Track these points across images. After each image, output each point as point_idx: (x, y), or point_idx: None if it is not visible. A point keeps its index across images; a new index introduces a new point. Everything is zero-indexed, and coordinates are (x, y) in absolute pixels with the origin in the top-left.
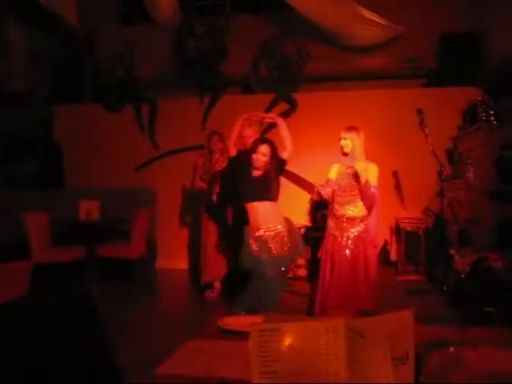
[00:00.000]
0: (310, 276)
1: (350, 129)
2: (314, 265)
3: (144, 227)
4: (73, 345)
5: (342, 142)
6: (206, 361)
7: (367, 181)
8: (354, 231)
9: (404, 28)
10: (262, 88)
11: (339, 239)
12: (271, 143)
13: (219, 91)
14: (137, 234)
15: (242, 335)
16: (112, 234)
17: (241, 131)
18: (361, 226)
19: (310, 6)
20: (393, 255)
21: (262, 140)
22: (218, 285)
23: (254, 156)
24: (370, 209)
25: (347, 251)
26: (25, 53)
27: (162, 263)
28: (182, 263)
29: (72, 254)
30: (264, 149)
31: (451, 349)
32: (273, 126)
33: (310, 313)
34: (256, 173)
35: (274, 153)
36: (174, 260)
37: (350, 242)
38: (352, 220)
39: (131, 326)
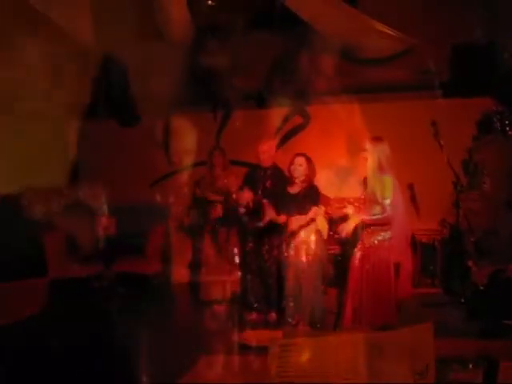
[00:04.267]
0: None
1: (372, 141)
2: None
3: (159, 242)
4: (90, 358)
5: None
6: (223, 376)
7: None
8: (374, 241)
9: (417, 40)
10: (276, 102)
11: (361, 251)
12: (306, 156)
13: (232, 106)
14: (152, 249)
15: (260, 350)
16: (128, 250)
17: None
18: (381, 235)
19: (322, 19)
20: None
21: (297, 154)
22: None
23: (292, 167)
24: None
25: (367, 264)
26: (38, 69)
27: (177, 278)
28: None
29: (88, 269)
30: (300, 160)
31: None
32: (289, 138)
33: (336, 326)
34: (293, 189)
35: (310, 164)
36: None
37: (369, 253)
38: (370, 229)
39: (148, 341)
